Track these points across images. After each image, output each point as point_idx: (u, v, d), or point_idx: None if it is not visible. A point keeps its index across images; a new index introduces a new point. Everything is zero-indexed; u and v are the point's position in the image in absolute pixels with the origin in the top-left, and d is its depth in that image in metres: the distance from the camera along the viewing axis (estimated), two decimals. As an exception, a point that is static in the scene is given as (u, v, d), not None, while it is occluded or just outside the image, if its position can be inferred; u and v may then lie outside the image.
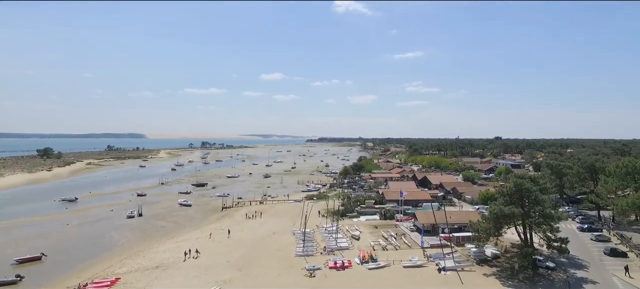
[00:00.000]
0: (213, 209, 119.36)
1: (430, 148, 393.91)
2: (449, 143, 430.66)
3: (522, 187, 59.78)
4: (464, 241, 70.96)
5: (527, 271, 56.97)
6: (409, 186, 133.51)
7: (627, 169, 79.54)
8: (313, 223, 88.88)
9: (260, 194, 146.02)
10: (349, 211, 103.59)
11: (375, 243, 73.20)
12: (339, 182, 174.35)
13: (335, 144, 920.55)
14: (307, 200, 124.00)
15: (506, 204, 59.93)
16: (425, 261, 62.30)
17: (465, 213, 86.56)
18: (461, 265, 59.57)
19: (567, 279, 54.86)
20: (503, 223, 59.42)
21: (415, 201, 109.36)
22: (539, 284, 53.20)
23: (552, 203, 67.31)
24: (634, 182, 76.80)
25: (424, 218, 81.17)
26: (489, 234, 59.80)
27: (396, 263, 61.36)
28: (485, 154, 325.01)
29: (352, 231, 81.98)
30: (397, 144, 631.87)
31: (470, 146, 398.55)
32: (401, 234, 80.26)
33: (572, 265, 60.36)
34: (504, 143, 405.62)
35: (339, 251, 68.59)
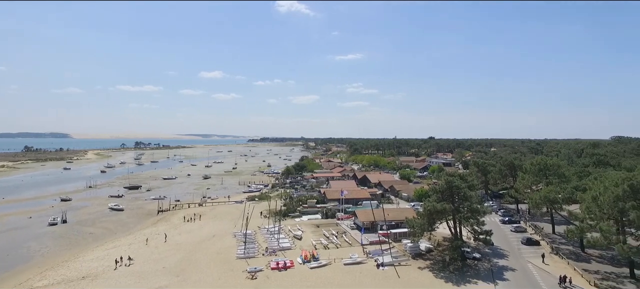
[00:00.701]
0: (148, 213, 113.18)
1: (370, 148, 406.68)
2: (387, 143, 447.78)
3: (453, 185, 64.17)
4: (401, 237, 74.42)
5: (456, 263, 61.22)
6: (349, 185, 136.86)
7: (539, 167, 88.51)
8: (255, 224, 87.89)
9: (199, 196, 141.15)
10: (291, 211, 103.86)
11: (317, 242, 74.22)
12: (281, 182, 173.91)
13: (277, 144, 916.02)
14: (248, 201, 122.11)
15: (438, 200, 63.95)
16: (364, 258, 64.39)
17: (402, 210, 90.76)
18: (398, 260, 62.46)
19: (491, 268, 59.93)
20: (436, 218, 63.34)
21: (355, 200, 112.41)
22: (467, 274, 57.42)
23: (479, 199, 73.05)
24: (545, 178, 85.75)
25: (364, 216, 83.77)
26: (423, 229, 63.43)
27: (337, 261, 62.76)
28: (420, 153, 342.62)
29: (295, 231, 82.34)
30: (338, 143, 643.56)
31: (407, 145, 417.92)
32: (342, 232, 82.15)
33: (495, 255, 65.96)
34: (437, 143, 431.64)
35: (281, 251, 68.56)
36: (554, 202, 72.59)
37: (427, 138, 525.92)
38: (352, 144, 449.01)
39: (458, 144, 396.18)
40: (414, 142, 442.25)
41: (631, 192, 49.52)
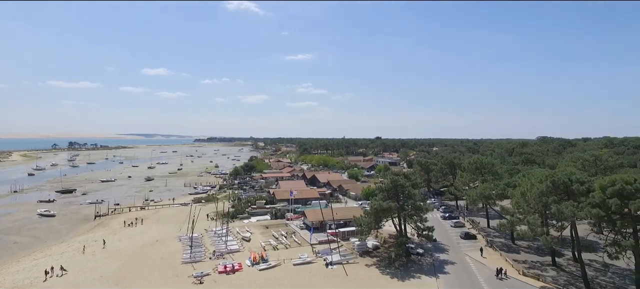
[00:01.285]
0: (84, 219, 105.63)
1: (319, 148, 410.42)
2: (336, 143, 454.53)
3: (397, 184, 66.77)
4: (349, 236, 76.13)
5: (401, 259, 63.84)
6: (299, 185, 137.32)
7: (476, 165, 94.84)
8: (201, 227, 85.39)
9: (141, 199, 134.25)
10: (240, 212, 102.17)
11: (266, 243, 73.75)
12: (229, 183, 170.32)
13: (225, 144, 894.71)
14: (194, 203, 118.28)
15: (384, 199, 66.20)
16: (314, 258, 65.08)
17: (350, 209, 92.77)
18: (346, 258, 63.86)
19: (433, 262, 63.23)
20: (382, 216, 65.56)
21: (305, 200, 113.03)
22: (411, 269, 60.09)
23: (422, 197, 76.72)
24: (481, 176, 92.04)
25: (313, 216, 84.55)
26: (370, 227, 65.42)
27: (286, 262, 62.83)
28: (367, 153, 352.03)
29: (243, 232, 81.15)
30: (288, 143, 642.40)
31: (355, 145, 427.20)
32: (291, 232, 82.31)
33: (437, 250, 69.63)
34: (384, 143, 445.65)
35: (229, 254, 67.29)
36: (489, 198, 78.07)
37: (374, 138, 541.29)
38: (302, 144, 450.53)
39: (403, 144, 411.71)
40: (362, 142, 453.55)
41: (553, 188, 54.51)
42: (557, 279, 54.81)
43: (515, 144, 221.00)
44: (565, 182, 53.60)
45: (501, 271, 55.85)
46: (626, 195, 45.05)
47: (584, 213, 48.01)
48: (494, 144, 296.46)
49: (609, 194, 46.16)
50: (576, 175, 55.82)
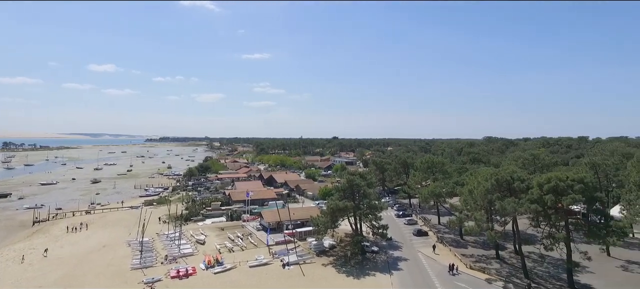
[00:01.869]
0: (20, 225, 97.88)
1: (277, 147, 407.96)
2: (293, 142, 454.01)
3: (353, 183, 68.03)
4: (306, 236, 76.42)
5: (357, 257, 65.10)
6: (255, 185, 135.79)
7: (427, 164, 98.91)
8: (153, 231, 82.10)
9: (87, 202, 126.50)
10: (194, 214, 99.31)
11: (222, 245, 72.29)
12: (182, 184, 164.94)
13: (179, 144, 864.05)
14: (145, 206, 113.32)
15: (341, 198, 67.19)
16: (270, 259, 64.68)
17: (307, 209, 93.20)
18: (303, 258, 64.09)
19: (387, 259, 65.05)
20: (338, 215, 66.45)
21: (261, 200, 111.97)
22: (366, 267, 61.45)
23: (377, 195, 78.68)
24: (432, 175, 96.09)
25: (270, 217, 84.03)
26: (327, 227, 66.10)
27: (242, 264, 61.97)
28: (324, 152, 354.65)
29: (197, 235, 79.00)
30: (244, 143, 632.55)
31: (312, 145, 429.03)
32: (248, 234, 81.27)
33: (391, 247, 71.67)
34: (340, 142, 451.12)
35: (182, 258, 65.21)
36: (439, 196, 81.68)
37: (331, 138, 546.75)
38: (259, 144, 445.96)
39: (359, 144, 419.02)
40: (319, 142, 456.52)
41: (497, 186, 58.14)
42: (500, 272, 58.39)
43: (463, 144, 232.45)
44: (507, 180, 57.34)
45: (453, 266, 58.43)
46: (559, 191, 48.96)
47: (524, 209, 51.64)
48: (444, 143, 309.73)
49: (545, 190, 49.93)
50: (517, 173, 59.90)
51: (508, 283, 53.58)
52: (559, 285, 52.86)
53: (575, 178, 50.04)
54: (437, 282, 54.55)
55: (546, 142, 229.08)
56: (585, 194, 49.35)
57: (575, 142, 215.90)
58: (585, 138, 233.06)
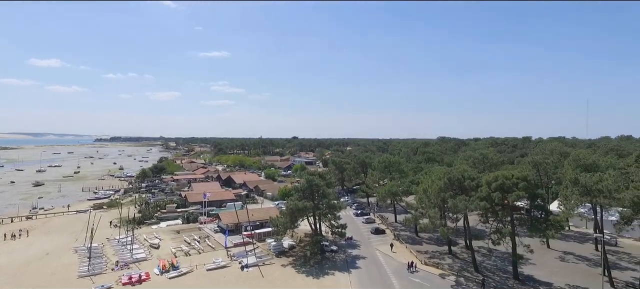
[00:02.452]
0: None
1: (235, 148, 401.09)
2: (252, 142, 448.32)
3: (313, 183, 68.41)
4: (265, 237, 75.87)
5: (316, 257, 65.59)
6: (213, 186, 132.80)
7: (385, 164, 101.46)
8: (103, 236, 78.05)
9: (28, 207, 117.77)
10: (148, 217, 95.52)
11: (178, 249, 70.11)
12: (135, 186, 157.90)
13: (132, 144, 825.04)
14: (95, 210, 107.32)
15: (300, 199, 67.36)
16: (229, 261, 63.64)
17: (266, 210, 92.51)
18: (262, 260, 63.60)
19: (346, 258, 66.07)
20: (298, 216, 66.56)
21: (220, 202, 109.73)
22: (325, 266, 62.07)
23: (336, 195, 79.57)
24: (389, 174, 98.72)
25: (228, 218, 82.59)
26: (286, 227, 66.00)
27: (199, 267, 60.49)
28: (284, 152, 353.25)
29: (151, 239, 76.06)
30: (202, 143, 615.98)
31: (272, 145, 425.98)
32: (205, 236, 79.41)
33: (349, 246, 72.84)
34: (300, 142, 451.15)
35: (135, 263, 62.52)
36: (396, 195, 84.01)
37: (291, 138, 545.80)
38: (217, 144, 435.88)
39: (319, 144, 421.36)
40: (279, 142, 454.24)
41: (449, 184, 60.78)
42: (452, 266, 61.16)
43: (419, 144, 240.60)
44: (459, 179, 60.11)
45: (412, 264, 60.10)
46: (506, 189, 52.10)
47: (474, 206, 54.42)
48: (401, 143, 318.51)
49: (493, 188, 52.94)
50: (468, 172, 62.95)
51: (459, 277, 56.25)
52: (506, 277, 56.22)
53: (520, 176, 53.48)
54: (394, 279, 56.16)
55: (494, 142, 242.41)
56: (528, 191, 52.86)
57: (520, 142, 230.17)
58: (529, 138, 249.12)
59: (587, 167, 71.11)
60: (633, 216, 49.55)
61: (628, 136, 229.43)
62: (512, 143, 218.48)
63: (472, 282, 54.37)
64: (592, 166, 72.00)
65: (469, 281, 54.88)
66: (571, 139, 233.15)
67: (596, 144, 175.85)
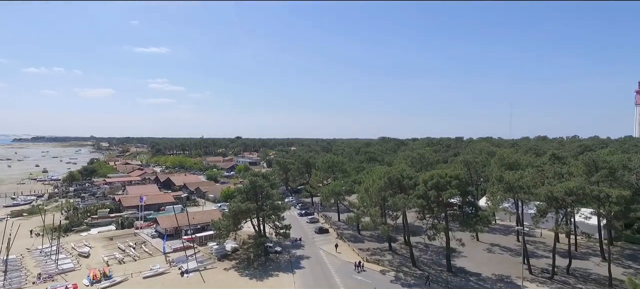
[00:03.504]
0: None
1: (175, 148, 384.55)
2: (193, 142, 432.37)
3: (256, 185, 67.76)
4: (207, 240, 73.75)
5: (260, 259, 65.04)
6: (150, 189, 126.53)
7: (328, 164, 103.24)
8: (22, 246, 71.11)
9: None
10: (76, 224, 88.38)
11: (110, 257, 65.79)
12: (62, 191, 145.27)
13: (58, 145, 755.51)
14: (12, 218, 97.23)
15: (243, 200, 66.37)
16: (167, 268, 60.99)
17: (208, 212, 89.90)
18: (204, 264, 61.76)
19: (290, 259, 66.23)
20: (241, 218, 65.53)
21: (158, 205, 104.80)
22: (269, 268, 61.75)
23: (280, 196, 79.37)
24: (333, 174, 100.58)
25: (167, 222, 79.17)
26: (229, 230, 64.66)
27: (135, 275, 57.32)
28: (227, 153, 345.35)
29: (80, 248, 70.61)
30: (138, 144, 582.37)
31: (214, 145, 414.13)
32: (141, 242, 75.39)
33: (294, 246, 73.09)
34: (244, 142, 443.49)
35: (61, 275, 57.67)
36: (339, 194, 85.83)
37: (234, 138, 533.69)
38: (155, 144, 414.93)
39: (263, 144, 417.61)
40: (222, 142, 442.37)
41: (389, 183, 63.30)
42: (392, 262, 63.83)
43: (361, 144, 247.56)
44: (398, 178, 62.82)
45: (359, 264, 60.97)
46: (440, 187, 55.40)
47: (412, 203, 57.27)
48: (344, 143, 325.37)
49: (429, 186, 56.07)
50: (406, 171, 66.04)
51: (399, 272, 58.86)
52: (440, 269, 59.81)
53: (453, 175, 57.20)
54: (337, 277, 57.34)
55: (430, 142, 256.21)
56: (460, 188, 56.74)
57: (454, 142, 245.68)
58: (461, 138, 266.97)
59: (510, 166, 77.75)
60: (547, 209, 55.14)
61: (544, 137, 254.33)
62: (446, 143, 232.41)
63: (410, 276, 57.16)
64: (514, 165, 78.80)
65: (408, 275, 57.62)
66: (497, 139, 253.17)
67: (518, 143, 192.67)
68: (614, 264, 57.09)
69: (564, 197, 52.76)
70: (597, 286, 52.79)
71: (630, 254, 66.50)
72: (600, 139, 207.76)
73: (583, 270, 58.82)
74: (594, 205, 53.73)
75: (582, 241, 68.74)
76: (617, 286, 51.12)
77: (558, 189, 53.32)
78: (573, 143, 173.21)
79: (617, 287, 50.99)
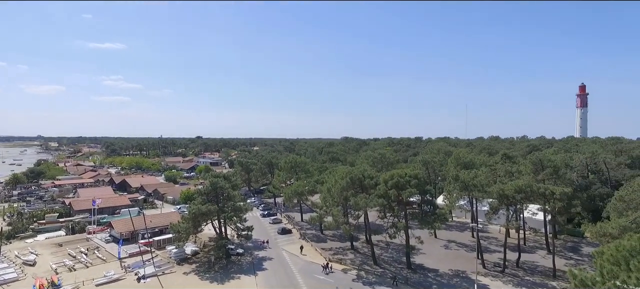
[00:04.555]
0: None
1: (132, 148, 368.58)
2: (151, 142, 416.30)
3: (217, 186, 66.54)
4: (166, 244, 71.46)
5: (221, 261, 63.90)
6: (104, 191, 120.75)
7: (291, 164, 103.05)
8: (-42, 256, 65.45)
9: None
10: (21, 230, 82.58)
11: (59, 264, 62.07)
12: (4, 194, 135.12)
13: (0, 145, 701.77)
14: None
15: (204, 202, 64.94)
16: (123, 274, 58.50)
17: (167, 215, 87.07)
18: (162, 269, 59.77)
19: (252, 260, 65.56)
20: (201, 220, 64.10)
21: (112, 208, 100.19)
22: (231, 270, 60.81)
23: (242, 197, 78.21)
24: (296, 174, 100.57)
25: (122, 226, 75.94)
26: (188, 233, 63.03)
27: (87, 283, 54.55)
28: (187, 153, 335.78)
29: (25, 255, 66.09)
30: (91, 144, 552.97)
31: (174, 145, 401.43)
32: (94, 248, 71.77)
33: (256, 248, 72.39)
34: (205, 142, 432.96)
35: (2, 286, 53.72)
36: (302, 195, 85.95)
37: (195, 137, 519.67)
38: (110, 144, 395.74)
39: (225, 144, 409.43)
40: (182, 142, 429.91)
41: (351, 183, 64.26)
42: (354, 261, 64.85)
43: (324, 144, 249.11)
44: (359, 178, 63.93)
45: (327, 266, 60.65)
46: (400, 186, 56.99)
47: (373, 203, 58.51)
48: (307, 143, 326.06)
49: (389, 186, 57.51)
50: (367, 171, 67.36)
51: (361, 271, 59.91)
52: (401, 267, 61.50)
53: (412, 174, 59.04)
54: (300, 278, 57.47)
55: (391, 141, 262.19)
56: (419, 187, 58.66)
57: (413, 141, 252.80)
58: (420, 138, 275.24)
59: (466, 165, 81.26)
60: (499, 207, 58.27)
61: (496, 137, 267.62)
62: (406, 143, 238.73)
63: (371, 275, 58.36)
64: (469, 164, 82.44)
65: (369, 274, 58.80)
66: (454, 139, 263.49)
67: (473, 143, 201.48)
68: (557, 257, 61.30)
69: (514, 194, 56.00)
70: (543, 278, 56.44)
71: (571, 247, 71.62)
72: (546, 139, 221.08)
73: (531, 263, 62.65)
74: (541, 202, 57.40)
75: (530, 235, 73.16)
76: (560, 276, 54.89)
77: (509, 188, 56.51)
78: (522, 143, 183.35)
79: (560, 277, 54.76)
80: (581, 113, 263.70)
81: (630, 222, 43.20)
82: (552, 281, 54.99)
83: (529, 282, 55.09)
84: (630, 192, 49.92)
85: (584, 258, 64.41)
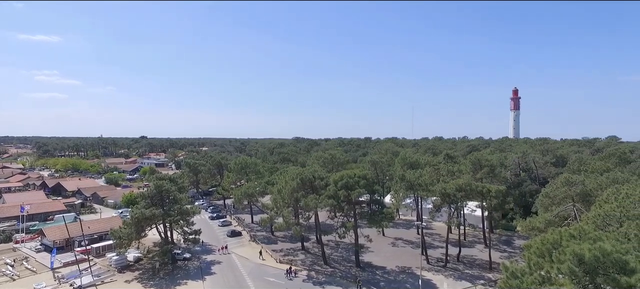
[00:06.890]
0: None
1: (68, 149, 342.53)
2: (90, 142, 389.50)
3: (162, 189, 63.86)
4: (106, 251, 67.42)
5: (167, 267, 61.45)
6: (35, 196, 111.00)
7: (241, 165, 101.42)
8: None
9: None
10: None
11: (-19, 278, 56.44)
12: None
13: None
14: None
15: (148, 206, 61.98)
16: (56, 285, 54.40)
17: (107, 220, 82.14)
18: (101, 278, 56.32)
19: (200, 265, 63.72)
20: (145, 225, 61.14)
21: (45, 214, 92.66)
22: (177, 276, 58.69)
23: (189, 199, 75.63)
24: (246, 175, 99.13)
25: (55, 233, 70.64)
26: (131, 238, 59.81)
27: (15, 297, 50.08)
28: (130, 153, 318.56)
29: (-61, 270, 59.31)
30: (20, 144, 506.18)
31: (115, 145, 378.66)
32: (23, 258, 65.93)
33: (204, 252, 70.44)
34: (150, 142, 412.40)
35: None
36: (252, 196, 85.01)
37: (139, 137, 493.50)
38: (42, 145, 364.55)
39: (171, 144, 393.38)
40: (124, 142, 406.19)
41: (302, 184, 64.53)
42: (305, 261, 65.27)
43: (275, 144, 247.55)
44: (310, 179, 64.42)
45: (291, 270, 59.59)
46: (349, 186, 58.23)
47: (323, 203, 59.30)
48: (258, 143, 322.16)
49: (339, 186, 58.57)
50: (318, 172, 68.08)
51: (311, 271, 60.38)
52: (350, 266, 62.85)
53: (361, 175, 60.55)
54: (249, 280, 56.83)
55: (342, 142, 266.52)
56: (368, 188, 60.34)
57: (363, 142, 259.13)
58: (370, 138, 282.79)
59: (412, 165, 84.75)
60: (441, 204, 61.46)
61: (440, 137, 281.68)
62: (356, 143, 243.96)
63: (321, 274, 59.05)
64: (415, 164, 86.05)
65: (319, 274, 59.45)
66: (401, 140, 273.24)
67: (419, 143, 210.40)
68: (493, 250, 65.93)
69: (455, 193, 59.35)
70: (480, 270, 60.41)
71: (505, 240, 77.28)
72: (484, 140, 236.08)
73: (470, 257, 66.77)
74: (479, 199, 61.40)
75: (469, 231, 77.94)
76: (496, 268, 59.03)
77: (450, 186, 59.82)
78: (463, 143, 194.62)
79: (496, 269, 58.90)
80: (514, 116, 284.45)
81: (554, 216, 47.52)
82: (489, 273, 59.03)
83: (468, 275, 58.71)
84: (554, 189, 54.93)
85: (516, 251, 69.68)
